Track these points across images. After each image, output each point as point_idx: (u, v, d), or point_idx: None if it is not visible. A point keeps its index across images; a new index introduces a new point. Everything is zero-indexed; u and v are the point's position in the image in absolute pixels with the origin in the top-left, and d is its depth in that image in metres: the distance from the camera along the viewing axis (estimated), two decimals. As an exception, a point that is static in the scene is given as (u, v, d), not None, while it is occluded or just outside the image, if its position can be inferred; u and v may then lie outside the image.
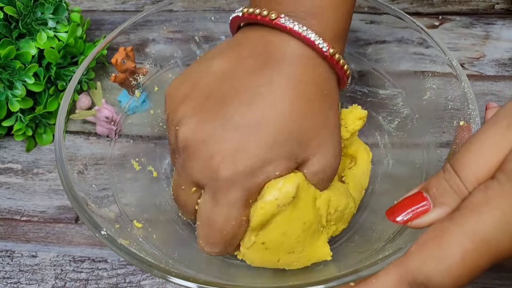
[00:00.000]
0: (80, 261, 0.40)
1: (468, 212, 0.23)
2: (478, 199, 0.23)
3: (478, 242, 0.22)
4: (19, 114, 0.44)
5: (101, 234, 0.29)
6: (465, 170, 0.24)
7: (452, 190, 0.24)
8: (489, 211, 0.22)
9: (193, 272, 0.30)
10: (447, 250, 0.22)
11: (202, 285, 0.26)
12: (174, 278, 0.27)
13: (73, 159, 0.34)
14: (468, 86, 0.33)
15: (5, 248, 0.41)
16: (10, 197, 0.44)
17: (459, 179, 0.24)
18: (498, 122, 0.24)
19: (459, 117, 0.33)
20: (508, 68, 0.49)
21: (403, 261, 0.23)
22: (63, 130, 0.34)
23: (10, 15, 0.42)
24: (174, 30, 0.43)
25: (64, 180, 0.31)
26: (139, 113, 0.41)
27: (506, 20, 0.52)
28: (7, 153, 0.47)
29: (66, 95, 0.35)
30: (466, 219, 0.23)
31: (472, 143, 0.24)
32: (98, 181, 0.33)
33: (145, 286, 0.38)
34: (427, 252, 0.23)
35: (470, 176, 0.24)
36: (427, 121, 0.37)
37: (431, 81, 0.37)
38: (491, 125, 0.24)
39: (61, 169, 0.32)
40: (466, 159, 0.24)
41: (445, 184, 0.25)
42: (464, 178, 0.24)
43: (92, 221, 0.30)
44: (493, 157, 0.23)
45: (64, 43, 0.45)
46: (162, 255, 0.32)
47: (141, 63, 0.41)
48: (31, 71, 0.43)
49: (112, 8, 0.57)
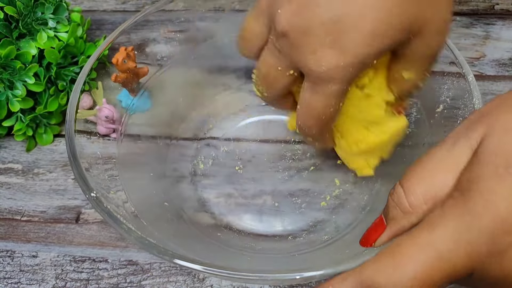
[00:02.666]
0: (81, 261, 0.40)
1: (425, 225, 0.23)
2: (434, 215, 0.23)
3: (431, 253, 0.22)
4: (19, 114, 0.44)
5: (121, 227, 0.29)
6: (408, 182, 0.25)
7: (393, 203, 0.26)
8: (443, 223, 0.23)
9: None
10: (400, 261, 0.23)
11: (207, 267, 0.26)
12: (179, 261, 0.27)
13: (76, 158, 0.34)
14: (477, 96, 0.33)
15: (6, 248, 0.41)
16: (10, 197, 0.44)
17: (403, 191, 0.25)
18: (445, 142, 0.25)
19: (464, 116, 0.34)
20: (508, 68, 0.49)
21: (359, 270, 0.24)
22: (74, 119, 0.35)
23: (10, 15, 0.42)
24: (175, 30, 0.43)
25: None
26: (140, 112, 0.41)
27: (506, 20, 0.52)
28: (8, 153, 0.47)
29: (74, 95, 0.35)
30: (420, 232, 0.23)
31: (421, 161, 0.26)
32: (99, 180, 0.33)
33: (145, 286, 0.38)
34: (381, 263, 0.23)
35: (413, 186, 0.25)
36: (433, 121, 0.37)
37: (444, 90, 0.37)
38: (439, 145, 0.26)
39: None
40: (414, 179, 0.25)
41: (390, 199, 0.26)
42: (406, 189, 0.25)
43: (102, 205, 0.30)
44: (441, 177, 0.24)
45: (64, 43, 0.45)
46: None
47: (142, 63, 0.41)
48: (31, 71, 0.43)
49: (112, 8, 0.57)
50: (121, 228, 0.29)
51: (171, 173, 0.42)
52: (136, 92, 0.41)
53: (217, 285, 0.38)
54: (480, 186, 0.22)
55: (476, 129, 0.24)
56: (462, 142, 0.24)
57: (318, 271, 0.25)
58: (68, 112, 0.35)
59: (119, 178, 0.36)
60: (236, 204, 0.41)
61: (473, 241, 0.22)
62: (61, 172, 0.45)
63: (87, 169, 0.33)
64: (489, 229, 0.22)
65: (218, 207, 0.41)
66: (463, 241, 0.22)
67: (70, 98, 0.35)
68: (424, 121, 0.38)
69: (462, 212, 0.22)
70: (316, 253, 0.36)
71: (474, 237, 0.22)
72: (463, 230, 0.22)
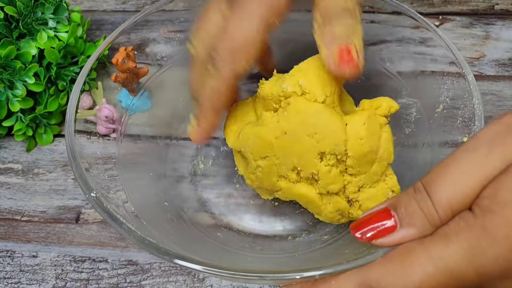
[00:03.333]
0: (81, 261, 0.40)
1: (438, 238, 0.23)
2: (450, 228, 0.23)
3: (441, 268, 0.22)
4: (19, 114, 0.44)
5: (122, 227, 0.29)
6: (439, 194, 0.23)
7: (422, 213, 0.24)
8: (458, 242, 0.22)
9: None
10: (408, 269, 0.23)
11: (207, 267, 0.26)
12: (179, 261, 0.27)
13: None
14: (477, 96, 0.33)
15: (6, 248, 0.41)
16: (10, 197, 0.44)
17: (431, 202, 0.23)
18: (478, 148, 0.23)
19: (464, 116, 0.34)
20: (508, 68, 0.49)
21: (365, 270, 0.24)
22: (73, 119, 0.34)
23: (11, 15, 0.42)
24: (175, 30, 0.43)
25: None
26: (140, 113, 0.41)
27: (506, 20, 0.52)
28: (8, 153, 0.47)
29: (73, 95, 0.35)
30: (434, 244, 0.23)
31: (448, 165, 0.24)
32: (99, 180, 0.33)
33: (145, 286, 0.38)
34: (389, 267, 0.23)
35: (443, 201, 0.23)
36: (433, 121, 0.37)
37: (444, 90, 0.37)
38: (471, 150, 0.23)
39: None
40: (441, 182, 0.23)
41: (415, 205, 0.24)
42: (436, 202, 0.23)
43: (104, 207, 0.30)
44: (468, 185, 0.23)
45: (64, 43, 0.45)
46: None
47: (142, 63, 0.41)
48: (31, 71, 0.43)
49: (112, 8, 0.57)
50: (121, 228, 0.29)
51: (171, 173, 0.42)
52: (136, 92, 0.41)
53: (217, 285, 0.38)
54: (505, 212, 0.22)
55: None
56: (497, 154, 0.23)
57: (318, 271, 0.25)
58: (68, 112, 0.35)
59: (119, 178, 0.36)
60: (236, 204, 0.41)
61: (486, 265, 0.22)
62: (61, 172, 0.45)
63: (87, 169, 0.33)
64: (505, 257, 0.21)
65: (218, 207, 0.41)
66: (476, 263, 0.22)
67: (70, 97, 0.35)
68: (423, 121, 0.38)
69: (479, 235, 0.22)
70: (316, 253, 0.36)
71: (488, 261, 0.22)
72: (477, 253, 0.22)
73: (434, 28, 0.37)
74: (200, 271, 0.27)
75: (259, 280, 0.26)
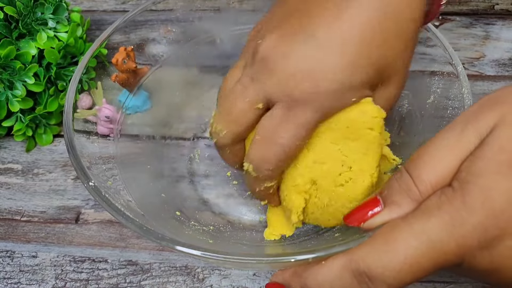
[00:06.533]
0: (81, 261, 0.40)
1: (420, 213, 0.24)
2: (432, 202, 0.24)
3: (423, 241, 0.23)
4: (19, 114, 0.44)
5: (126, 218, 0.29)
6: (418, 171, 0.25)
7: (402, 190, 0.25)
8: (440, 215, 0.23)
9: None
10: (392, 245, 0.23)
11: (206, 252, 0.27)
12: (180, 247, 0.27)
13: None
14: (466, 86, 0.34)
15: (5, 249, 0.41)
16: (10, 198, 0.44)
17: (411, 179, 0.25)
18: (454, 126, 0.25)
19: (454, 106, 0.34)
20: (508, 68, 0.49)
21: (352, 250, 0.25)
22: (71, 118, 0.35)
23: (10, 15, 0.42)
24: (175, 30, 0.43)
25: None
26: (140, 112, 0.41)
27: (506, 20, 0.52)
28: (7, 153, 0.47)
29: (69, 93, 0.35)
30: (416, 219, 0.24)
31: (427, 145, 0.25)
32: (100, 179, 0.33)
33: (145, 286, 0.38)
34: (374, 245, 0.24)
35: (422, 176, 0.24)
36: (429, 120, 0.37)
37: (435, 81, 0.37)
38: (448, 129, 0.25)
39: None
40: (419, 160, 0.25)
41: (395, 184, 0.25)
42: (415, 177, 0.25)
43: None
44: (446, 159, 0.24)
45: (64, 43, 0.45)
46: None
47: (142, 63, 0.41)
48: (31, 71, 0.43)
49: (112, 8, 0.57)
50: (120, 215, 0.29)
51: (170, 172, 0.42)
52: (136, 92, 0.41)
53: (216, 285, 0.38)
54: (480, 182, 0.23)
55: (487, 117, 0.24)
56: (471, 130, 0.24)
57: (311, 254, 0.26)
58: (66, 103, 0.35)
59: (119, 178, 0.36)
60: (236, 203, 0.41)
61: (466, 235, 0.22)
62: (61, 172, 0.45)
63: (88, 168, 0.33)
64: (483, 224, 0.22)
65: (218, 207, 0.41)
66: (456, 234, 0.23)
67: (67, 91, 0.35)
68: (415, 112, 0.38)
69: (458, 207, 0.23)
70: (310, 242, 0.36)
71: (468, 231, 0.22)
72: (457, 224, 0.23)
73: (432, 29, 0.37)
74: (198, 255, 0.27)
75: (255, 263, 0.27)
